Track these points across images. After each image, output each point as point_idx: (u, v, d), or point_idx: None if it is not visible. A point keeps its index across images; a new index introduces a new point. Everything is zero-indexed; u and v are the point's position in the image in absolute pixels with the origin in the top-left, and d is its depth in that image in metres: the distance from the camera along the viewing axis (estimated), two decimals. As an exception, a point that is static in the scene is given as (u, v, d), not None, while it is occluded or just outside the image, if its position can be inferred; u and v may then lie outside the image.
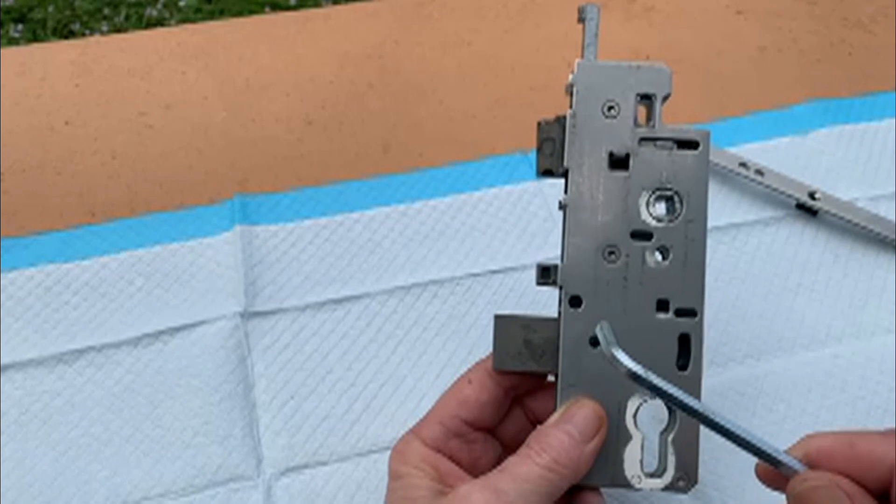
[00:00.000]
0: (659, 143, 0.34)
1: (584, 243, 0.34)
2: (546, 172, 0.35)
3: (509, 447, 0.36)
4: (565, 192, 0.35)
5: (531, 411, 0.37)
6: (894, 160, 0.55)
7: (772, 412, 0.43)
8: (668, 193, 0.34)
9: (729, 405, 0.44)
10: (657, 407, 0.34)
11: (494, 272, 0.49)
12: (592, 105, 0.35)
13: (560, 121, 0.35)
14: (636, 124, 0.35)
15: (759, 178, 0.52)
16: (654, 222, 0.34)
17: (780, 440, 0.42)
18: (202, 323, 0.46)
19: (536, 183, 0.53)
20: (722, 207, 0.52)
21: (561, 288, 0.34)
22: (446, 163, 0.55)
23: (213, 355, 0.45)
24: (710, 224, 0.51)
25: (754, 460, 0.30)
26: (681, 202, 0.34)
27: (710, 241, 0.50)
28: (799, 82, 0.61)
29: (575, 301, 0.34)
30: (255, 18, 0.69)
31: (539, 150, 0.35)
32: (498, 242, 0.51)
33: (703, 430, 0.34)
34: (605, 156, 0.34)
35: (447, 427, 0.34)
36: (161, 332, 0.46)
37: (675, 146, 0.34)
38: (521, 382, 0.36)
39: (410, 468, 0.33)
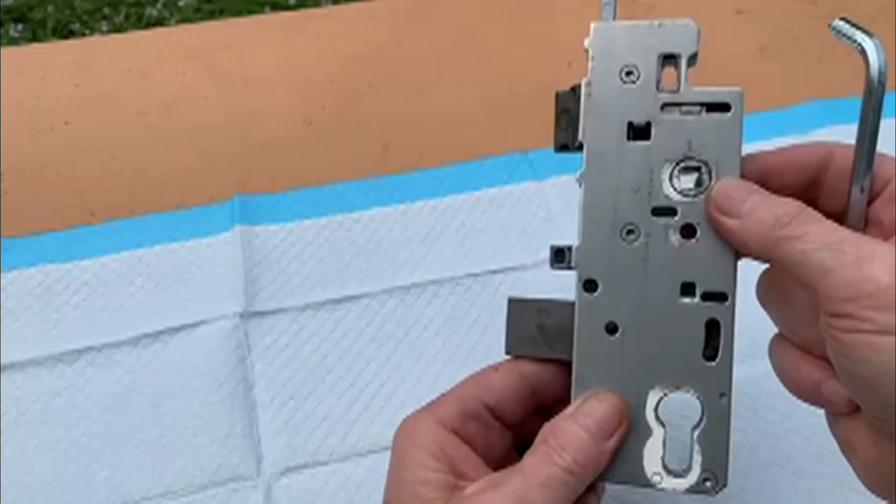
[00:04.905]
0: (684, 108, 0.31)
1: (600, 222, 0.31)
2: (563, 148, 0.33)
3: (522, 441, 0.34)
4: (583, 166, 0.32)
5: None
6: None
7: (773, 411, 0.43)
8: (695, 164, 0.31)
9: (729, 405, 0.43)
10: (686, 401, 0.32)
11: (494, 272, 0.49)
12: (609, 71, 0.31)
13: (576, 90, 0.32)
14: (659, 89, 0.31)
15: (759, 177, 0.52)
16: (678, 197, 0.31)
17: (781, 439, 0.42)
18: (202, 323, 0.46)
19: (536, 183, 0.53)
20: (722, 207, 0.52)
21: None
22: (446, 163, 0.55)
23: (213, 355, 0.45)
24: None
25: (754, 461, 0.30)
26: (709, 174, 0.31)
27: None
28: (799, 82, 0.60)
29: (590, 285, 0.32)
30: (255, 18, 0.69)
31: (556, 123, 0.33)
32: (498, 242, 0.51)
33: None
34: (623, 125, 0.31)
35: (466, 407, 0.32)
36: (161, 332, 0.46)
37: (703, 110, 0.31)
38: (548, 387, 0.33)
39: (418, 450, 0.31)
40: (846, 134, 0.56)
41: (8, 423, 0.43)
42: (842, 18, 0.30)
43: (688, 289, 0.31)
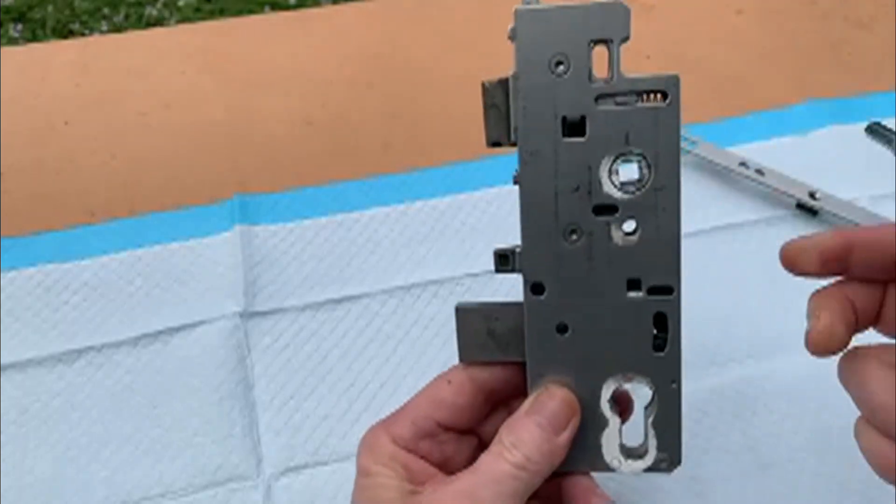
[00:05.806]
0: (619, 98, 0.30)
1: (542, 224, 0.31)
2: (495, 144, 0.32)
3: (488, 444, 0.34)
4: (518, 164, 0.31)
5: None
6: (894, 160, 0.55)
7: (772, 412, 0.43)
8: (634, 158, 0.30)
9: (729, 405, 0.43)
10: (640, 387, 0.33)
11: (494, 272, 0.49)
12: (538, 61, 0.30)
13: (504, 84, 0.31)
14: (591, 79, 0.30)
15: (759, 177, 0.52)
16: (618, 194, 0.30)
17: (781, 440, 0.42)
18: (202, 323, 0.46)
19: (536, 183, 0.53)
20: (722, 207, 0.52)
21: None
22: (446, 163, 0.55)
23: (213, 355, 0.45)
24: (709, 224, 0.52)
25: (754, 461, 0.30)
26: (649, 167, 0.30)
27: (710, 241, 0.50)
28: (799, 82, 0.61)
29: (537, 288, 0.32)
30: (255, 18, 0.69)
31: (486, 118, 0.32)
32: (497, 242, 0.50)
33: (699, 429, 0.33)
34: (557, 121, 0.30)
35: (419, 427, 0.33)
36: (161, 332, 0.46)
37: (639, 99, 0.30)
38: (503, 386, 0.34)
39: (380, 466, 0.32)
40: (846, 134, 0.57)
41: (8, 423, 0.43)
42: (875, 123, 0.30)
43: (634, 284, 0.31)
